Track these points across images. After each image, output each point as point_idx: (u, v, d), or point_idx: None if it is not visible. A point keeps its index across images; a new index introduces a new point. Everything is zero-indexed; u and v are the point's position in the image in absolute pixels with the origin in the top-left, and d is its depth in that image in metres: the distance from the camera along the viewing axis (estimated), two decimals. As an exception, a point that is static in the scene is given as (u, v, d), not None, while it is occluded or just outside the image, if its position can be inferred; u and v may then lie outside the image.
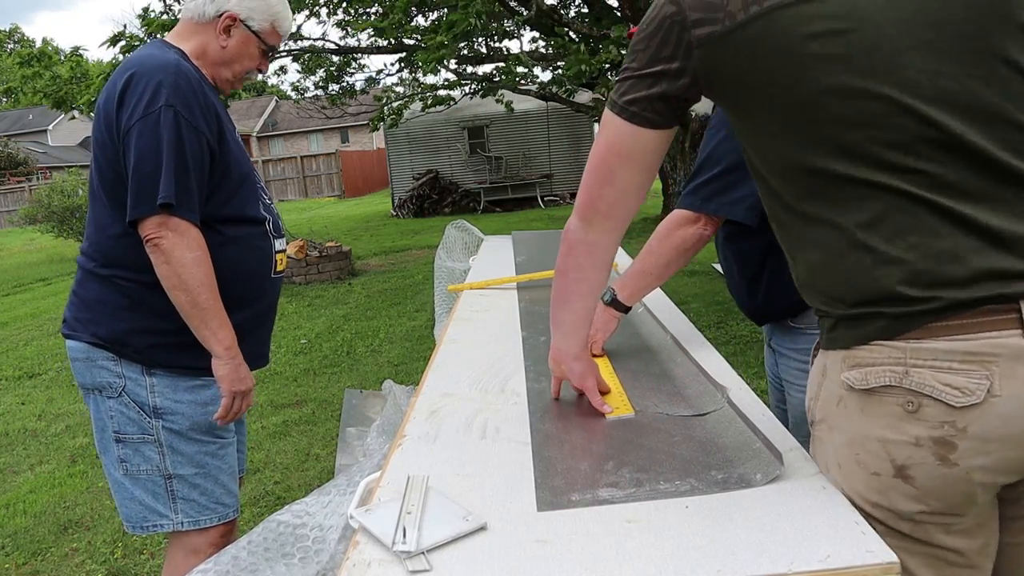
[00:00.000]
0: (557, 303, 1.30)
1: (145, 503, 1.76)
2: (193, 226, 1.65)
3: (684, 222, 1.65)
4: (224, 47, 1.79)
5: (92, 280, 1.75)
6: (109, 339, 1.72)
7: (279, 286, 1.95)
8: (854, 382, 0.97)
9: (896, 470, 0.95)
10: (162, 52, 1.70)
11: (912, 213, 0.92)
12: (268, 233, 1.85)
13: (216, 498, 1.81)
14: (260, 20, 1.80)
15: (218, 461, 1.81)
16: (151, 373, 1.73)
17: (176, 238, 1.62)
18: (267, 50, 1.85)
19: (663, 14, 1.01)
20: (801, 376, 1.81)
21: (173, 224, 1.61)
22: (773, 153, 1.00)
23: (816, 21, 0.91)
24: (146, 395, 1.73)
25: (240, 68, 1.83)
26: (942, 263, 0.91)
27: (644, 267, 1.68)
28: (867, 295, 0.95)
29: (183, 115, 1.62)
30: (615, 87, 1.10)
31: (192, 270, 1.63)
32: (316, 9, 10.40)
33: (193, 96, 1.64)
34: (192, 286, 1.63)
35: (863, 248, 0.94)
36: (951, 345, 0.90)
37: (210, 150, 1.68)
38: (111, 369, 1.73)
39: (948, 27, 0.90)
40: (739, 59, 0.96)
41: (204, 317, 1.66)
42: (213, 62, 1.80)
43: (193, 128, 1.63)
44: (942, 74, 0.90)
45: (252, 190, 1.82)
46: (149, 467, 1.75)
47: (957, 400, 0.90)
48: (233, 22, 1.77)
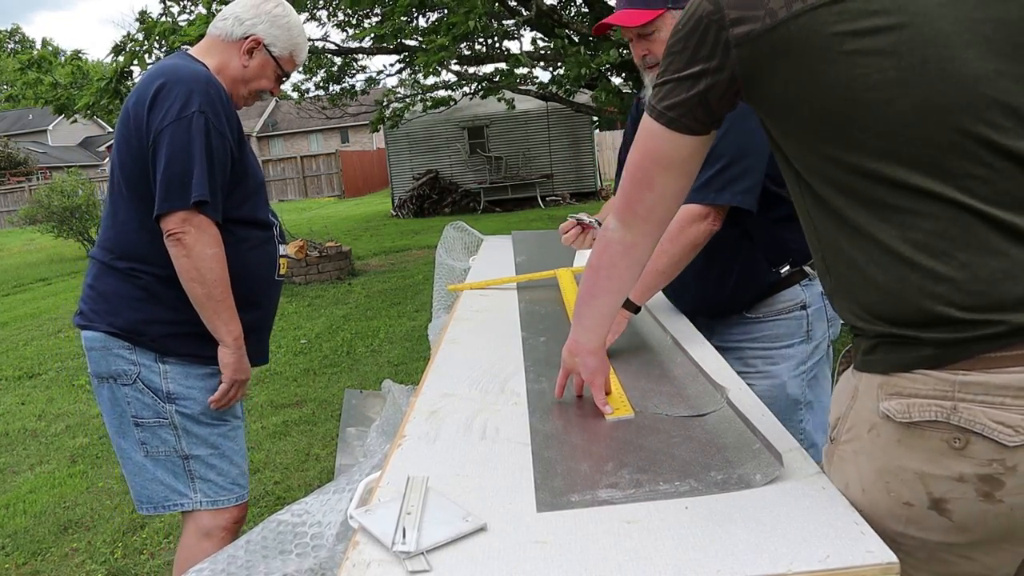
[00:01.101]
0: (584, 297, 1.30)
1: (166, 483, 1.88)
2: (214, 224, 1.78)
3: (694, 219, 1.66)
4: (245, 66, 1.93)
5: (109, 273, 1.87)
6: (126, 329, 1.83)
7: (280, 289, 2.08)
8: (894, 414, 0.91)
9: (932, 503, 0.91)
10: (190, 63, 1.85)
11: (964, 225, 0.86)
12: (275, 238, 2.00)
13: (232, 479, 1.93)
14: (281, 48, 1.95)
15: (231, 442, 1.94)
16: (164, 361, 1.85)
17: (198, 234, 1.74)
18: (282, 75, 2.00)
19: (700, 13, 0.98)
20: (763, 363, 1.84)
21: (197, 221, 1.74)
22: (814, 156, 0.95)
23: (863, 17, 0.87)
24: (160, 381, 1.85)
25: (256, 87, 1.96)
26: (995, 283, 0.85)
27: (656, 267, 1.68)
28: (910, 315, 0.89)
29: (213, 121, 1.76)
30: (654, 92, 1.07)
31: (211, 264, 1.76)
32: (316, 12, 10.39)
33: (221, 105, 1.79)
34: (209, 280, 1.76)
35: (907, 263, 0.88)
36: (1004, 379, 0.85)
37: (232, 156, 1.83)
38: (126, 357, 1.84)
39: (1006, 26, 0.86)
40: (780, 58, 0.92)
41: (217, 309, 1.80)
42: (232, 78, 1.92)
43: (220, 134, 1.77)
44: (1003, 74, 0.85)
45: (263, 196, 1.98)
46: (167, 448, 1.87)
47: (1010, 439, 0.84)
48: (257, 45, 1.92)
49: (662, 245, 1.66)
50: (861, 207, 0.92)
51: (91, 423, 4.48)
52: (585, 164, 17.04)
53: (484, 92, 10.61)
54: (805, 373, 1.85)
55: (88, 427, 4.44)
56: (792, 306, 1.83)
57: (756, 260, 1.78)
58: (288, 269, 9.06)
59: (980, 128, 0.85)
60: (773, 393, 1.82)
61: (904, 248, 0.89)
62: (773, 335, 1.84)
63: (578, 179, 17.05)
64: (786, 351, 1.84)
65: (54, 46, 43.26)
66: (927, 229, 0.87)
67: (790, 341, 1.84)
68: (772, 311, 1.83)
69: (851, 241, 0.94)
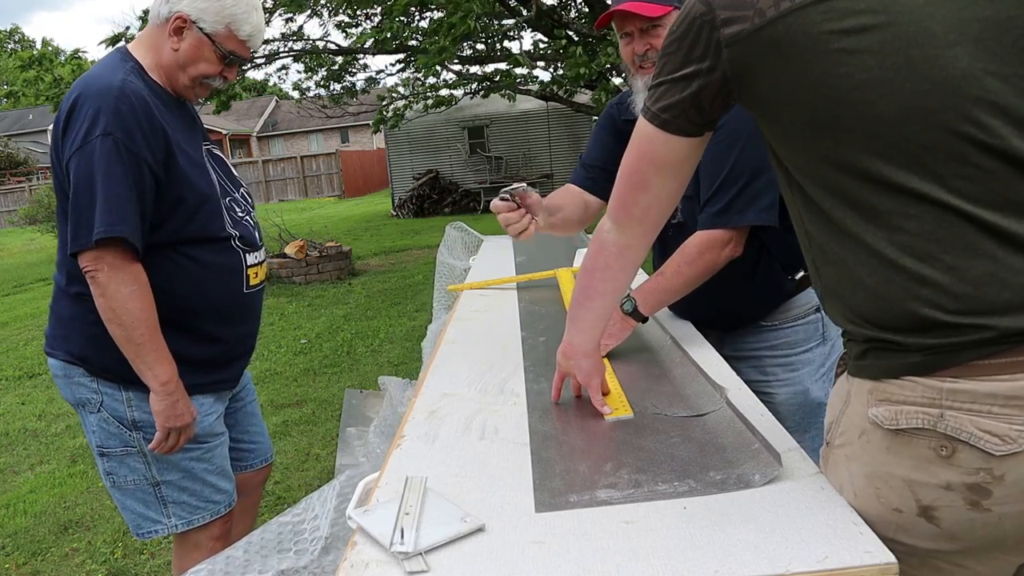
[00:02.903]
0: (578, 299, 1.30)
1: (137, 511, 1.79)
2: (130, 259, 1.62)
3: (716, 245, 1.63)
4: (176, 50, 1.72)
5: (63, 298, 1.75)
6: (81, 357, 1.72)
7: (257, 299, 1.92)
8: (882, 421, 0.91)
9: (920, 510, 0.90)
10: (111, 72, 1.65)
11: (950, 226, 0.85)
12: (235, 248, 1.81)
13: (205, 497, 1.83)
14: (212, 22, 1.71)
15: (204, 464, 1.82)
16: (127, 388, 1.72)
17: (111, 272, 1.59)
18: (226, 56, 1.75)
19: (693, 14, 0.98)
20: (784, 371, 1.82)
21: (109, 259, 1.59)
22: (804, 156, 0.95)
23: (849, 16, 0.87)
24: (124, 409, 1.73)
25: (196, 72, 1.74)
26: (981, 286, 0.84)
27: (671, 286, 1.66)
28: (897, 319, 0.89)
29: (122, 142, 1.57)
30: (648, 94, 1.07)
31: (127, 305, 1.61)
32: (318, 9, 10.39)
33: (135, 122, 1.59)
34: (127, 321, 1.61)
35: (893, 266, 0.88)
36: (991, 387, 0.84)
37: (154, 177, 1.64)
38: (87, 385, 1.73)
39: (995, 25, 0.85)
40: (769, 57, 0.92)
41: (139, 352, 1.64)
42: (167, 66, 1.74)
43: (134, 155, 1.59)
44: (991, 73, 0.84)
45: (214, 209, 1.77)
46: (136, 477, 1.77)
47: (997, 448, 0.83)
48: (184, 23, 1.70)
49: (679, 266, 1.65)
50: (849, 208, 0.91)
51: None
52: (585, 164, 17.03)
53: (484, 91, 10.62)
54: (825, 374, 1.84)
55: (88, 427, 4.44)
56: (807, 310, 1.81)
57: (775, 271, 1.76)
58: (288, 269, 8.96)
59: (967, 127, 0.84)
60: (798, 400, 1.81)
61: (890, 250, 0.88)
62: (792, 341, 1.82)
63: (578, 179, 17.05)
64: (805, 356, 1.82)
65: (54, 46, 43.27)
66: (913, 231, 0.87)
67: (808, 345, 1.82)
68: (788, 317, 1.81)
69: (840, 243, 0.94)
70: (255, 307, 1.92)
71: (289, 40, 10.57)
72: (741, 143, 1.59)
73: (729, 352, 1.81)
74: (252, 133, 38.23)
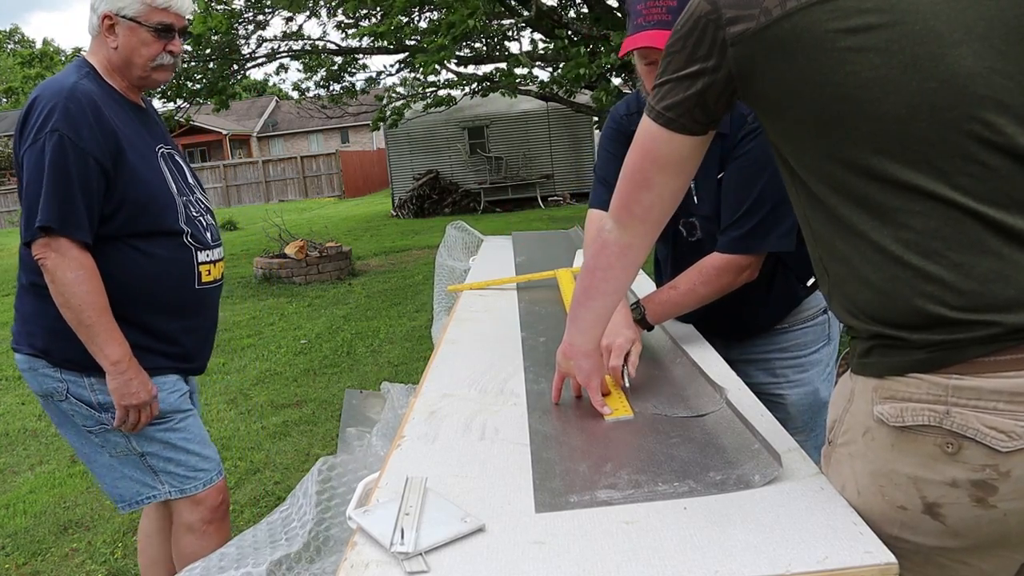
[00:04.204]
0: (579, 299, 1.30)
1: (135, 477, 1.88)
2: (76, 246, 1.70)
3: (735, 269, 1.63)
4: (115, 48, 1.80)
5: (25, 292, 1.84)
6: (43, 349, 1.81)
7: (211, 296, 1.99)
8: (888, 418, 0.91)
9: (926, 507, 0.90)
10: (66, 76, 1.76)
11: (956, 224, 0.85)
12: (187, 245, 1.88)
13: (192, 466, 1.91)
14: (131, 5, 1.78)
15: (182, 433, 1.91)
16: (88, 375, 1.80)
17: (58, 259, 1.68)
18: (159, 30, 1.81)
19: (698, 13, 0.99)
20: (794, 372, 1.83)
21: (55, 245, 1.68)
22: (810, 154, 0.95)
23: (855, 15, 0.87)
24: (88, 394, 1.82)
25: (141, 59, 1.81)
26: (987, 283, 0.84)
27: (683, 302, 1.66)
28: (903, 315, 0.89)
29: (69, 137, 1.67)
30: (652, 92, 1.08)
31: (74, 289, 1.69)
32: (316, 9, 10.40)
33: (83, 119, 1.68)
34: (75, 304, 1.70)
35: (899, 262, 0.88)
36: (997, 384, 0.84)
37: (103, 170, 1.72)
38: (52, 375, 1.81)
39: (1000, 24, 0.85)
40: (775, 56, 0.92)
41: (90, 333, 1.72)
42: (117, 67, 1.83)
43: (80, 150, 1.68)
44: (996, 72, 0.84)
45: (167, 205, 1.84)
46: (124, 447, 1.86)
47: (1002, 445, 0.84)
48: (111, 19, 1.78)
49: (694, 285, 1.64)
50: (854, 205, 0.92)
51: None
52: (585, 164, 17.03)
53: (484, 92, 10.62)
54: (831, 374, 1.85)
55: (88, 427, 4.44)
56: (816, 312, 1.82)
57: (791, 282, 1.77)
58: (288, 269, 8.93)
59: (972, 125, 0.85)
60: (807, 400, 1.82)
61: (896, 247, 0.89)
62: (802, 343, 1.83)
63: (578, 179, 17.05)
64: (814, 357, 1.84)
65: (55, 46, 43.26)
66: (919, 228, 0.87)
67: (816, 346, 1.84)
68: (798, 320, 1.82)
69: (845, 240, 0.94)
70: (209, 301, 1.99)
71: (289, 39, 10.58)
72: (770, 170, 1.58)
73: (738, 356, 1.81)
74: (252, 133, 38.22)
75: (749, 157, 1.61)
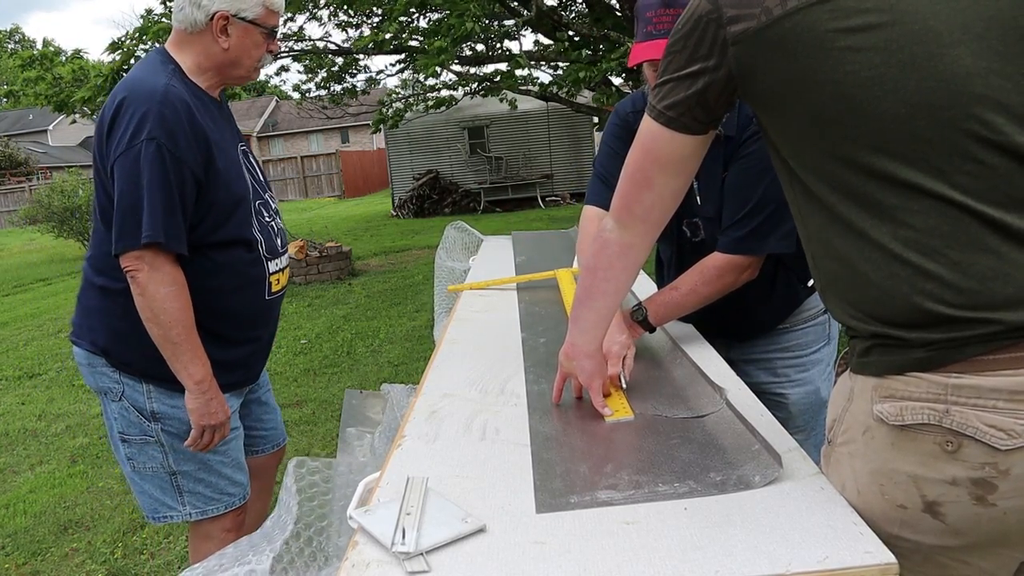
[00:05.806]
0: (581, 299, 1.30)
1: (155, 496, 1.84)
2: (170, 260, 1.65)
3: (735, 269, 1.63)
4: (226, 48, 1.75)
5: (91, 289, 1.80)
6: (105, 349, 1.77)
7: (276, 306, 1.97)
8: (887, 417, 0.91)
9: (926, 505, 0.91)
10: (154, 75, 1.68)
11: (954, 222, 0.86)
12: (261, 257, 1.85)
13: (221, 489, 1.88)
14: (252, 7, 1.74)
15: (220, 456, 1.87)
16: (147, 381, 1.76)
17: (151, 273, 1.63)
18: (270, 32, 1.80)
19: (699, 12, 0.99)
20: (796, 372, 1.83)
21: (150, 258, 1.63)
22: (808, 152, 0.95)
23: (855, 15, 0.88)
24: (144, 400, 1.78)
25: (251, 60, 1.80)
26: (986, 281, 0.85)
27: (685, 303, 1.66)
28: (902, 313, 0.89)
29: (167, 146, 1.61)
30: (654, 92, 1.08)
31: (164, 305, 1.64)
32: (316, 12, 10.40)
33: (179, 126, 1.63)
34: (164, 321, 1.65)
35: (898, 260, 0.89)
36: (997, 382, 0.84)
37: (195, 180, 1.67)
38: (109, 375, 1.78)
39: (998, 24, 0.86)
40: (775, 55, 0.93)
41: (176, 351, 1.68)
42: (220, 66, 1.77)
43: (177, 159, 1.62)
44: (993, 71, 0.85)
45: (246, 212, 1.81)
46: (154, 464, 1.82)
47: (1002, 443, 0.84)
48: (227, 20, 1.72)
49: (695, 285, 1.64)
50: (853, 203, 0.92)
51: (91, 423, 4.49)
52: (585, 164, 17.02)
53: (485, 92, 10.62)
54: (831, 373, 1.86)
55: (88, 427, 4.44)
56: (817, 312, 1.83)
57: (792, 283, 1.78)
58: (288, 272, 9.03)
59: (971, 124, 0.85)
60: (809, 400, 1.83)
61: (895, 245, 0.89)
62: (803, 343, 1.83)
63: (578, 179, 17.04)
64: (815, 356, 1.84)
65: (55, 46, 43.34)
66: (918, 226, 0.88)
67: (817, 346, 1.84)
68: (799, 320, 1.83)
69: (843, 238, 0.94)
70: (275, 311, 1.99)
71: (290, 40, 10.57)
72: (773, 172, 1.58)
73: (739, 356, 1.82)
74: (252, 133, 38.21)
75: (753, 158, 1.61)
